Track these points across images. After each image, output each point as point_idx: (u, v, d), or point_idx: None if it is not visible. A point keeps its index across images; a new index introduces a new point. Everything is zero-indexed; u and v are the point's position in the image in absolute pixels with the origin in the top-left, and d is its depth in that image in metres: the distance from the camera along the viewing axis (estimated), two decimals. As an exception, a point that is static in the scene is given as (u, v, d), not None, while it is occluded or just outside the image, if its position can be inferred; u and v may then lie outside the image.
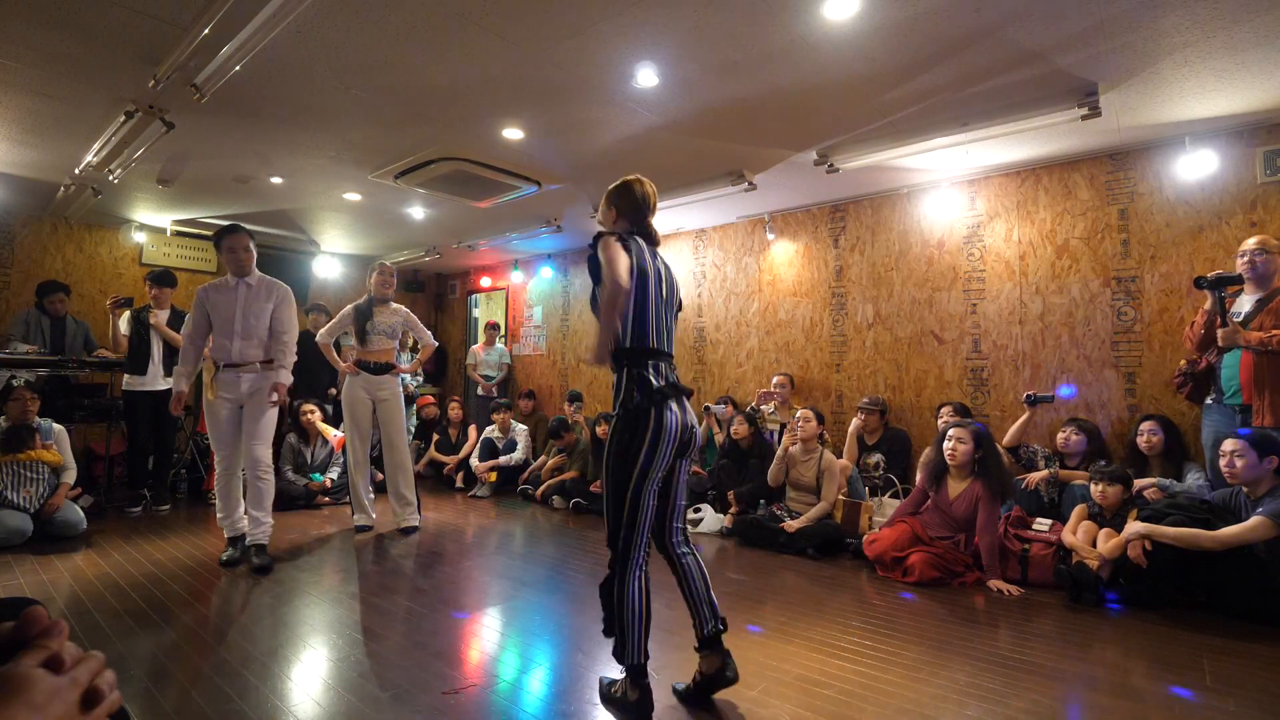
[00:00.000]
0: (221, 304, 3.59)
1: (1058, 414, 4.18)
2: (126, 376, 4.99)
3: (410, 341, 5.34)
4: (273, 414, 3.64)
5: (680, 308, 2.24)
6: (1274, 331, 3.07)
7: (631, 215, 2.18)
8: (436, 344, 4.73)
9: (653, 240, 2.18)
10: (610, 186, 2.23)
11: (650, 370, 2.01)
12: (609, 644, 2.16)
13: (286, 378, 3.66)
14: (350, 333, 4.42)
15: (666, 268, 2.17)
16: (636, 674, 1.99)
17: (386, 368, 4.39)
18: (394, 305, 4.49)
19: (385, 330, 4.39)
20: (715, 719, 2.00)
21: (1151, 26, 2.71)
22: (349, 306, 4.45)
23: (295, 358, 3.73)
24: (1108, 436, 4.00)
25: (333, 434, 5.42)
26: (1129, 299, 4.04)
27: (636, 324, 2.03)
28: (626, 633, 1.98)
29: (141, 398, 4.94)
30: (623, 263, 1.94)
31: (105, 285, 6.31)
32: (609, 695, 2.05)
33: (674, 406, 2.02)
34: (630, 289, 1.97)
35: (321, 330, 4.46)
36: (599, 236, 2.02)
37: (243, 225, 3.68)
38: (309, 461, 5.44)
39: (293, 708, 2.01)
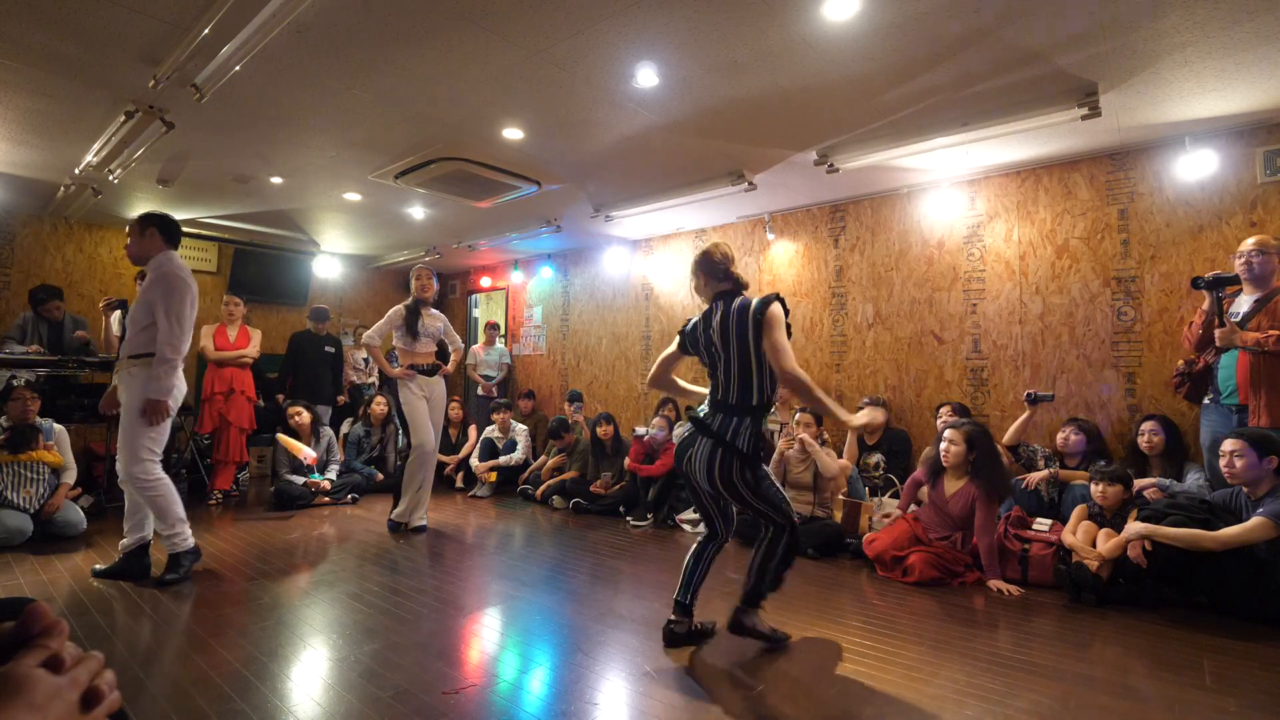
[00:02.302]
0: None
1: (1058, 414, 4.18)
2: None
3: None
4: (147, 424, 3.06)
5: (758, 330, 2.37)
6: (1271, 332, 3.07)
7: (717, 277, 2.56)
8: (463, 345, 4.93)
9: (735, 290, 2.52)
10: (693, 259, 2.60)
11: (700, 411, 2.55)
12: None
13: (153, 389, 2.97)
14: (400, 334, 4.47)
15: (739, 314, 2.42)
16: (676, 608, 2.51)
17: (435, 369, 4.53)
18: (433, 310, 4.61)
19: (431, 333, 4.53)
20: (714, 718, 2.01)
21: (1151, 26, 2.71)
22: (399, 306, 4.51)
23: (173, 359, 3.05)
24: (1108, 436, 4.00)
25: (305, 452, 5.36)
26: (1129, 299, 4.04)
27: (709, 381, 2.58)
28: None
29: None
30: (654, 370, 2.70)
31: (105, 285, 6.31)
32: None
33: (698, 441, 2.48)
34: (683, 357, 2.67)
35: (369, 331, 4.48)
36: None
37: (153, 213, 3.24)
38: (304, 462, 5.43)
39: (293, 708, 2.01)
